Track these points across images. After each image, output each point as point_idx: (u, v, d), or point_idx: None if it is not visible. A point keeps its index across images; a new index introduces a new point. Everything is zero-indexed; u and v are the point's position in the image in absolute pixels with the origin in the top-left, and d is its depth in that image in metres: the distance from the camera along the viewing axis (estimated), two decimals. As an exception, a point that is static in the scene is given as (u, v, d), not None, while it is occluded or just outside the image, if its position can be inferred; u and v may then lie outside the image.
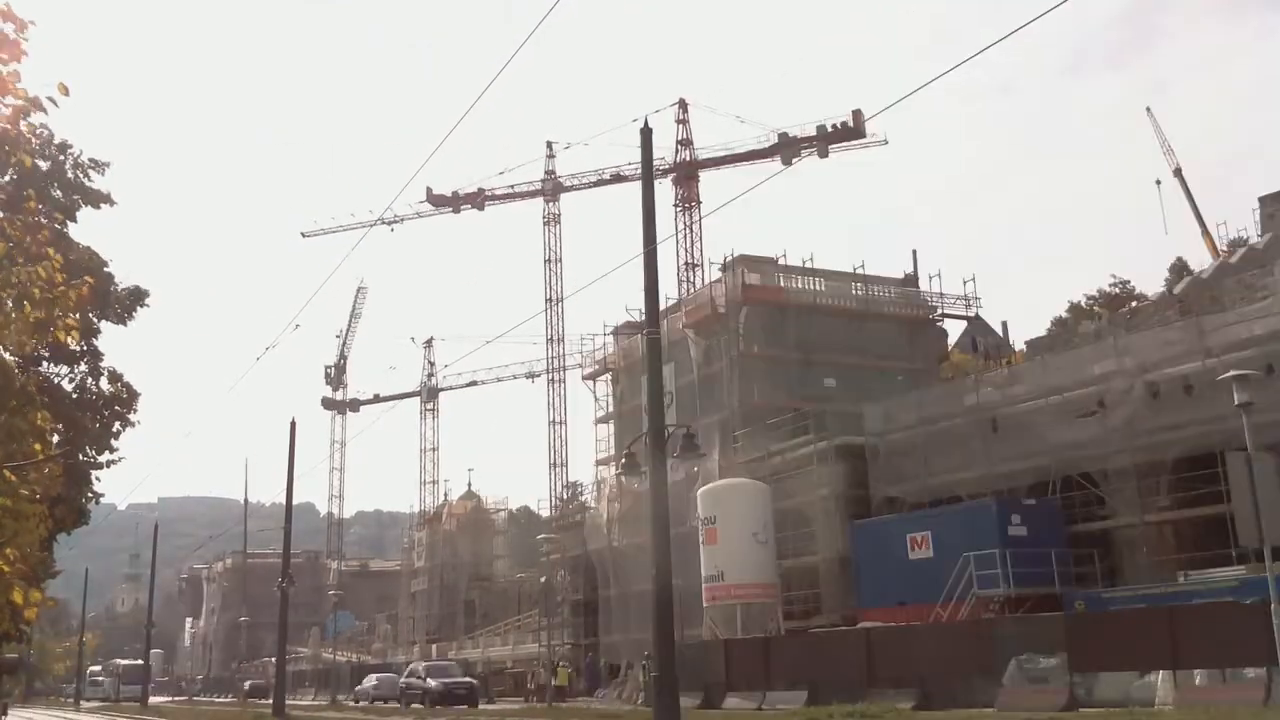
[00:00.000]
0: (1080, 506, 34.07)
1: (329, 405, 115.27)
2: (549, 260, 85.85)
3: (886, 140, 76.59)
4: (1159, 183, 71.18)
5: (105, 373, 20.77)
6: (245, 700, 66.69)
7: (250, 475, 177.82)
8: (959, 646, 27.20)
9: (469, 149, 79.00)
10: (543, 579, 52.72)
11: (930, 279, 55.41)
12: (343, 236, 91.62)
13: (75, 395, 20.32)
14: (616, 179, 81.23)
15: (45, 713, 56.21)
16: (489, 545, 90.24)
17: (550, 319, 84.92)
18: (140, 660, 73.30)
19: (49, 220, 12.58)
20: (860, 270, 53.36)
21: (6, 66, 6.53)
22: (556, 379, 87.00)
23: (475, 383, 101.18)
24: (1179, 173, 70.52)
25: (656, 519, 16.74)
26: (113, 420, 20.51)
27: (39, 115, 6.89)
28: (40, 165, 17.82)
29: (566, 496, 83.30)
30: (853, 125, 73.12)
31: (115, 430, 20.42)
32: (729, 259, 51.83)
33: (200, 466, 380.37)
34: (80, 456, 19.61)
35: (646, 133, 18.82)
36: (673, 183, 79.63)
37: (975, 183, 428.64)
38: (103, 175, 19.13)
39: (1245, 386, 20.49)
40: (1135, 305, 52.66)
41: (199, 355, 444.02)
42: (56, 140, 18.70)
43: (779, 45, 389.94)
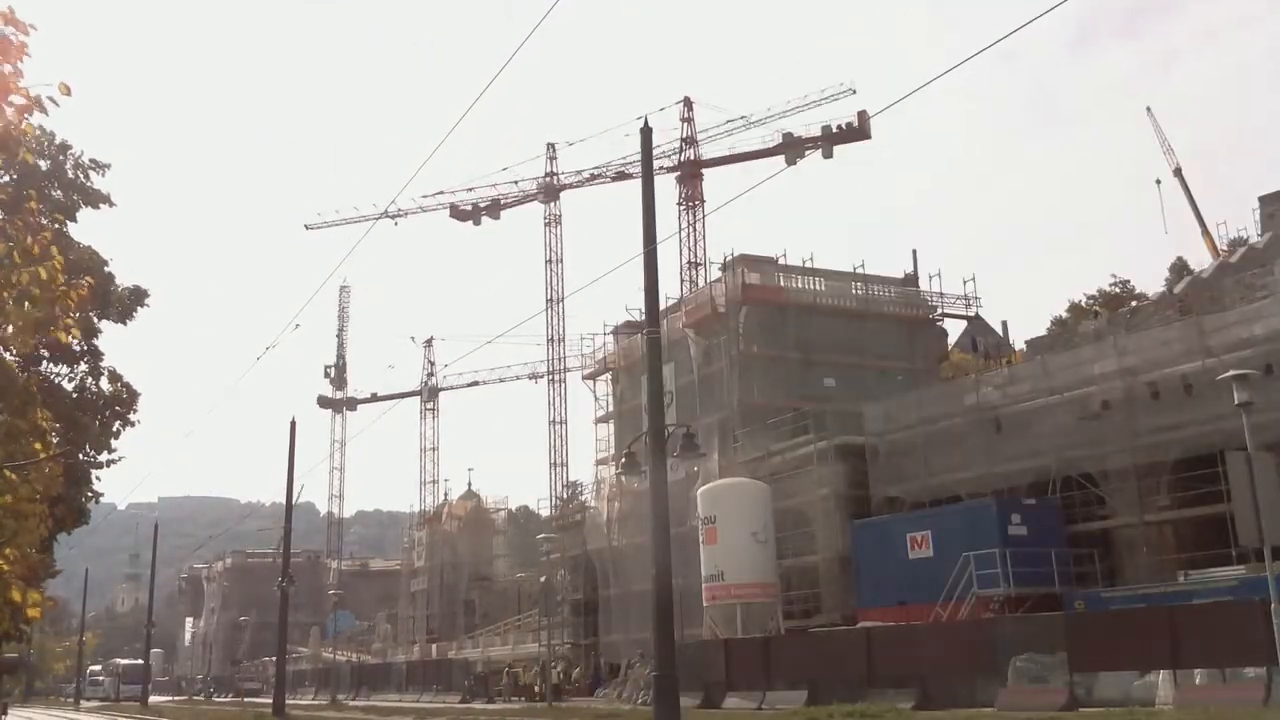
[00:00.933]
0: (1080, 506, 34.03)
1: (325, 404, 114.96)
2: (550, 261, 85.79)
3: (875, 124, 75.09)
4: (1159, 182, 71.22)
5: (105, 373, 20.84)
6: (242, 698, 66.71)
7: (250, 475, 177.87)
8: (959, 646, 27.18)
9: (471, 147, 79.06)
10: (542, 579, 52.60)
11: (930, 279, 55.47)
12: (344, 233, 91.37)
13: (75, 395, 20.36)
14: (620, 176, 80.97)
15: (45, 712, 56.20)
16: (489, 545, 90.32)
17: (550, 319, 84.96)
18: (140, 660, 73.40)
19: (49, 221, 12.59)
20: (860, 270, 53.34)
21: (8, 67, 6.54)
22: (557, 379, 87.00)
23: (476, 383, 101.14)
24: (1179, 172, 70.56)
25: (656, 518, 16.75)
26: (113, 420, 20.56)
27: (40, 116, 6.90)
28: (41, 165, 17.85)
29: (566, 496, 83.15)
30: (858, 126, 72.94)
31: (115, 430, 20.48)
32: (729, 258, 51.88)
33: (200, 466, 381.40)
34: (80, 456, 19.65)
35: (647, 132, 18.88)
36: (677, 181, 79.36)
37: (975, 182, 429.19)
38: (103, 176, 19.22)
39: (1245, 386, 20.53)
40: (1135, 305, 52.50)
41: (199, 355, 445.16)
42: (57, 140, 18.76)
43: (779, 40, 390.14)
